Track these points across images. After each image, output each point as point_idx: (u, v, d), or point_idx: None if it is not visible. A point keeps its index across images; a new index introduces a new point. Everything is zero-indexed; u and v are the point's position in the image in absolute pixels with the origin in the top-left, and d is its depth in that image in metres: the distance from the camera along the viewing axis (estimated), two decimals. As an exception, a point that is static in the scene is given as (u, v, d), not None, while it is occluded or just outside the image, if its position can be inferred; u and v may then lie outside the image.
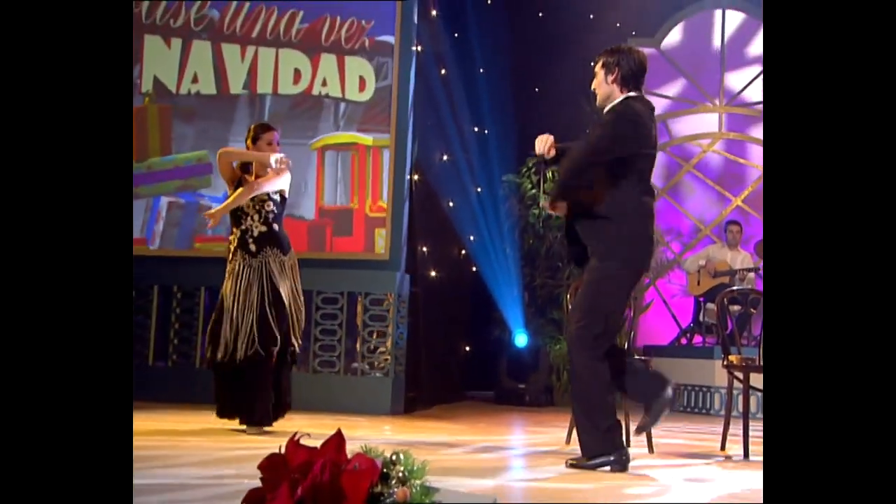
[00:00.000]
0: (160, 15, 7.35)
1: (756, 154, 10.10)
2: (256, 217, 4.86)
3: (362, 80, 7.18)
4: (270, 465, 2.04)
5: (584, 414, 3.83)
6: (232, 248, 4.88)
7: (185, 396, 6.26)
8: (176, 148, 7.30)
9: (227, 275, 4.87)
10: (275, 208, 4.91)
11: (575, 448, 4.64)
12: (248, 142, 5.00)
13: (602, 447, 3.75)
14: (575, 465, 3.80)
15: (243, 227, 4.85)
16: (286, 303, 4.81)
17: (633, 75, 3.91)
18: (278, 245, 4.88)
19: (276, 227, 4.90)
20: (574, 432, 4.83)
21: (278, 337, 4.73)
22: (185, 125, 7.28)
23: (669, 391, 3.77)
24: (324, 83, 7.23)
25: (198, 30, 7.36)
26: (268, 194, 4.89)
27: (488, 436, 5.35)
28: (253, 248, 4.82)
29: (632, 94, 3.90)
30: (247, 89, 7.25)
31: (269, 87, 7.23)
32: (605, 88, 3.94)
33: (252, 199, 4.85)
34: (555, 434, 5.35)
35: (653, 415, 3.79)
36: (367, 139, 7.12)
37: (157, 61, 7.31)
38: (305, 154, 7.05)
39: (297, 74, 7.25)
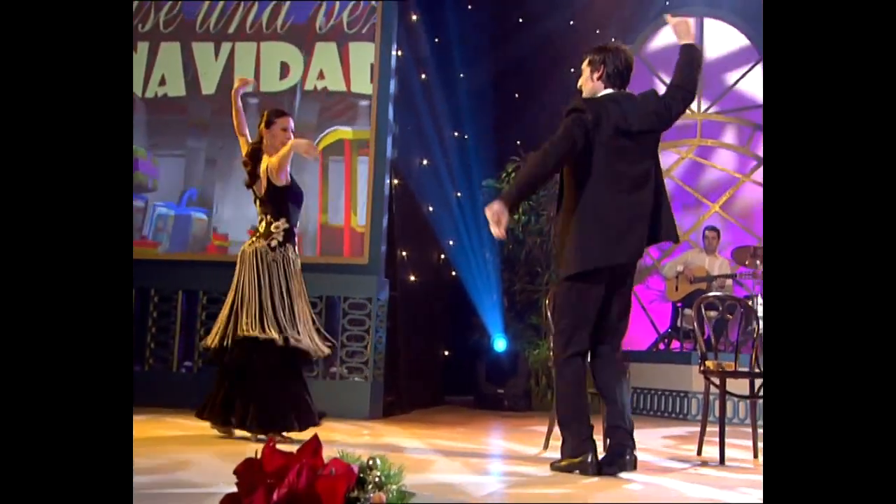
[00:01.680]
0: None
1: (733, 161, 10.19)
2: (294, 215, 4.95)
3: (374, 69, 6.82)
4: (246, 470, 2.04)
5: (562, 420, 3.92)
6: (280, 238, 4.80)
7: (161, 400, 6.22)
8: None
9: (271, 263, 4.74)
10: None
11: (551, 454, 4.66)
12: (262, 127, 4.92)
13: (572, 451, 3.80)
14: (554, 466, 3.88)
15: (291, 220, 4.88)
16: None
17: (618, 73, 3.91)
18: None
19: None
20: (550, 438, 4.86)
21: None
22: (199, 134, 7.05)
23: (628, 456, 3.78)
24: (320, 76, 6.87)
25: (167, 32, 7.11)
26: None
27: (467, 440, 5.35)
28: (293, 243, 4.89)
29: (616, 91, 3.91)
30: (221, 88, 6.93)
31: (250, 85, 7.01)
32: (590, 85, 3.95)
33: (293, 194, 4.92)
34: (533, 439, 5.36)
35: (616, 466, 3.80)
36: (347, 132, 6.81)
37: None
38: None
39: (286, 68, 6.94)
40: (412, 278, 7.83)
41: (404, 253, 7.64)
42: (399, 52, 7.19)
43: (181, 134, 7.14)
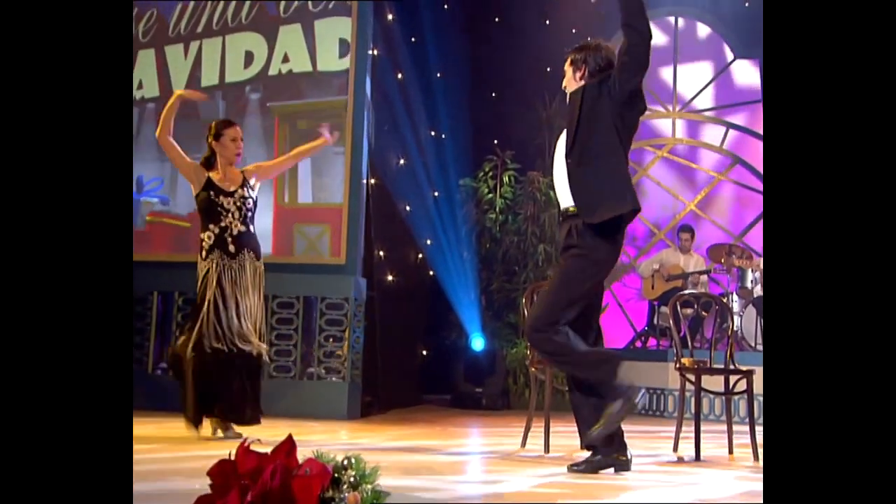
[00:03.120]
0: None
1: (707, 159, 10.27)
2: (237, 215, 4.70)
3: (344, 44, 6.77)
4: (220, 472, 2.03)
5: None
6: (206, 246, 4.66)
7: (136, 403, 6.15)
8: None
9: (203, 275, 4.64)
10: (252, 207, 4.79)
11: (529, 452, 4.67)
12: (210, 140, 4.78)
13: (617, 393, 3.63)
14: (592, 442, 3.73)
15: (222, 224, 4.65)
16: (249, 312, 4.70)
17: (600, 70, 3.92)
18: (254, 249, 4.77)
19: (252, 228, 4.77)
20: (528, 436, 4.87)
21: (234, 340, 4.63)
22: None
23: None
24: (285, 59, 6.86)
25: (144, 41, 7.16)
26: (249, 193, 4.78)
27: (444, 439, 5.35)
28: (232, 248, 4.66)
29: None
30: (189, 85, 6.91)
31: (216, 79, 6.98)
32: (575, 85, 3.94)
33: (233, 196, 4.71)
34: (511, 437, 5.37)
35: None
36: (275, 106, 6.80)
37: None
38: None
39: (250, 57, 6.94)
40: (389, 278, 7.82)
41: (381, 252, 7.63)
42: (375, 52, 7.18)
43: (194, 137, 7.12)
